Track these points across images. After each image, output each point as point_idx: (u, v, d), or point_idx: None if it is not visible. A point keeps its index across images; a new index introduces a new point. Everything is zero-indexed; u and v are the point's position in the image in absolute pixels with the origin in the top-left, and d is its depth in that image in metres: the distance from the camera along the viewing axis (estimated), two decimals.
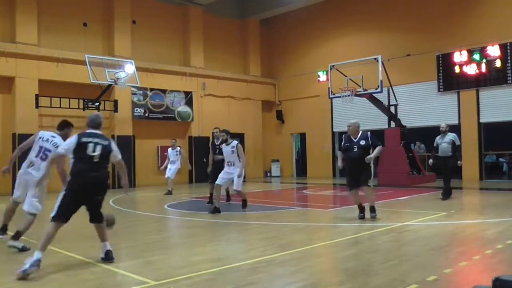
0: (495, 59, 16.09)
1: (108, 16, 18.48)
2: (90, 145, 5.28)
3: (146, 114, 18.84)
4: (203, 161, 20.48)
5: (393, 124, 16.75)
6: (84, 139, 5.33)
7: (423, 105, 18.08)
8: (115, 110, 17.68)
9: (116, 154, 5.55)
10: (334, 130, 21.13)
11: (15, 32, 15.90)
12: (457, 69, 17.00)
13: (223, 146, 9.70)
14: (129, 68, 16.88)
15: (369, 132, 8.06)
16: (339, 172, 21.06)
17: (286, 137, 23.29)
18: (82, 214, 5.36)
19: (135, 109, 18.50)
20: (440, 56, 17.48)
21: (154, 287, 4.24)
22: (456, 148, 10.78)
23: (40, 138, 6.61)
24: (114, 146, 5.53)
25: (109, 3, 18.44)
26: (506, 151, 19.01)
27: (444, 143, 10.70)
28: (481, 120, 16.84)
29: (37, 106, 15.96)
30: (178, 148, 14.94)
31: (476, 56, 16.48)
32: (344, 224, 7.81)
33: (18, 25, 15.94)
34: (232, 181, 9.39)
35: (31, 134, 16.01)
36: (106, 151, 5.39)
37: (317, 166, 21.64)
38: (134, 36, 18.95)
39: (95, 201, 5.37)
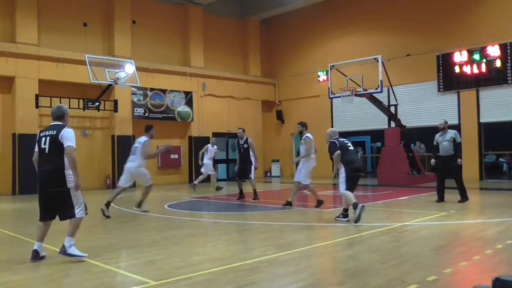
0: (495, 59, 16.10)
1: (108, 16, 18.48)
2: (43, 138, 5.37)
3: (146, 114, 18.84)
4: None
5: (393, 124, 16.74)
6: (41, 134, 5.45)
7: (423, 105, 18.08)
8: (115, 110, 17.69)
9: (65, 141, 5.20)
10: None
11: (15, 32, 15.91)
12: (457, 69, 17.00)
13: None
14: (129, 68, 16.88)
15: (328, 144, 8.07)
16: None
17: (286, 137, 23.29)
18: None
19: (135, 109, 18.50)
20: (440, 56, 17.48)
21: (154, 287, 4.24)
22: (457, 146, 10.29)
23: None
24: (64, 133, 5.24)
25: (109, 3, 18.44)
26: (506, 151, 19.02)
27: (445, 141, 10.23)
28: (481, 120, 16.85)
29: (37, 106, 15.96)
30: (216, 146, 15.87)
31: (476, 56, 16.48)
32: (344, 224, 7.80)
33: (18, 25, 15.94)
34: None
35: (31, 134, 16.19)
36: (54, 141, 5.24)
37: (317, 166, 21.52)
38: (134, 36, 18.95)
39: (52, 196, 5.29)
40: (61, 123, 5.44)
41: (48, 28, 16.94)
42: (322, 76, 20.95)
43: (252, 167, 11.48)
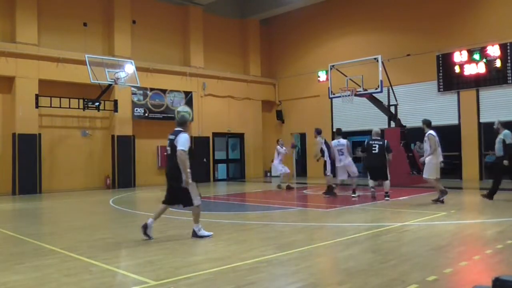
0: (495, 59, 16.08)
1: (108, 16, 18.48)
2: (167, 141, 6.54)
3: (146, 114, 18.84)
4: (203, 160, 20.53)
5: (393, 124, 16.73)
6: (168, 137, 6.61)
7: (423, 105, 18.06)
8: (115, 110, 17.68)
9: (178, 145, 6.28)
10: (334, 130, 21.10)
11: (15, 32, 15.91)
12: (457, 69, 16.99)
13: None
14: (129, 68, 16.87)
15: None
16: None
17: (286, 137, 23.24)
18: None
19: (135, 109, 18.50)
20: (440, 56, 17.48)
21: (154, 287, 4.24)
22: (506, 147, 10.22)
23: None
24: (179, 138, 6.31)
25: (109, 3, 18.44)
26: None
27: (497, 142, 10.45)
28: (481, 120, 16.83)
29: (37, 106, 15.96)
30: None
31: (476, 56, 16.47)
32: (344, 224, 7.81)
33: (18, 25, 15.94)
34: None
35: (31, 134, 16.24)
36: (173, 144, 6.36)
37: (317, 166, 21.58)
38: (134, 36, 18.95)
39: (172, 187, 6.51)
40: (180, 129, 6.50)
41: (48, 28, 16.94)
42: (322, 76, 20.94)
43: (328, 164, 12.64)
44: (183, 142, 6.27)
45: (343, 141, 11.97)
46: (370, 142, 11.22)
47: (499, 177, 10.55)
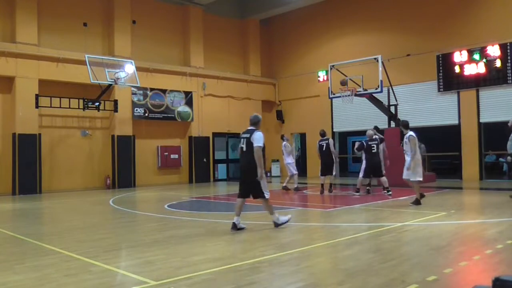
0: (495, 59, 16.08)
1: (108, 16, 18.47)
2: (241, 139, 7.16)
3: (146, 114, 18.84)
4: (203, 161, 20.54)
5: (393, 124, 16.73)
6: (241, 135, 7.25)
7: (423, 105, 18.08)
8: (115, 110, 17.68)
9: (254, 142, 6.88)
10: (334, 130, 21.12)
11: (15, 32, 15.91)
12: (457, 69, 16.99)
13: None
14: (129, 68, 16.86)
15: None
16: (338, 172, 21.08)
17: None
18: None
19: (135, 109, 18.50)
20: (440, 56, 17.48)
21: (154, 287, 4.24)
22: None
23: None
24: (254, 136, 6.91)
25: (109, 3, 18.44)
26: (506, 151, 18.97)
27: (510, 139, 10.53)
28: (481, 120, 16.84)
29: (37, 106, 15.96)
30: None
31: (476, 56, 16.47)
32: (344, 224, 7.81)
33: (18, 25, 15.94)
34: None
35: (31, 134, 16.25)
36: (248, 141, 6.95)
37: (317, 166, 21.55)
38: (134, 36, 18.95)
39: (248, 182, 7.06)
40: (254, 128, 7.09)
41: (48, 28, 16.94)
42: (322, 76, 20.94)
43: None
44: (259, 139, 6.88)
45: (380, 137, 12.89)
46: (369, 143, 12.17)
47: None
